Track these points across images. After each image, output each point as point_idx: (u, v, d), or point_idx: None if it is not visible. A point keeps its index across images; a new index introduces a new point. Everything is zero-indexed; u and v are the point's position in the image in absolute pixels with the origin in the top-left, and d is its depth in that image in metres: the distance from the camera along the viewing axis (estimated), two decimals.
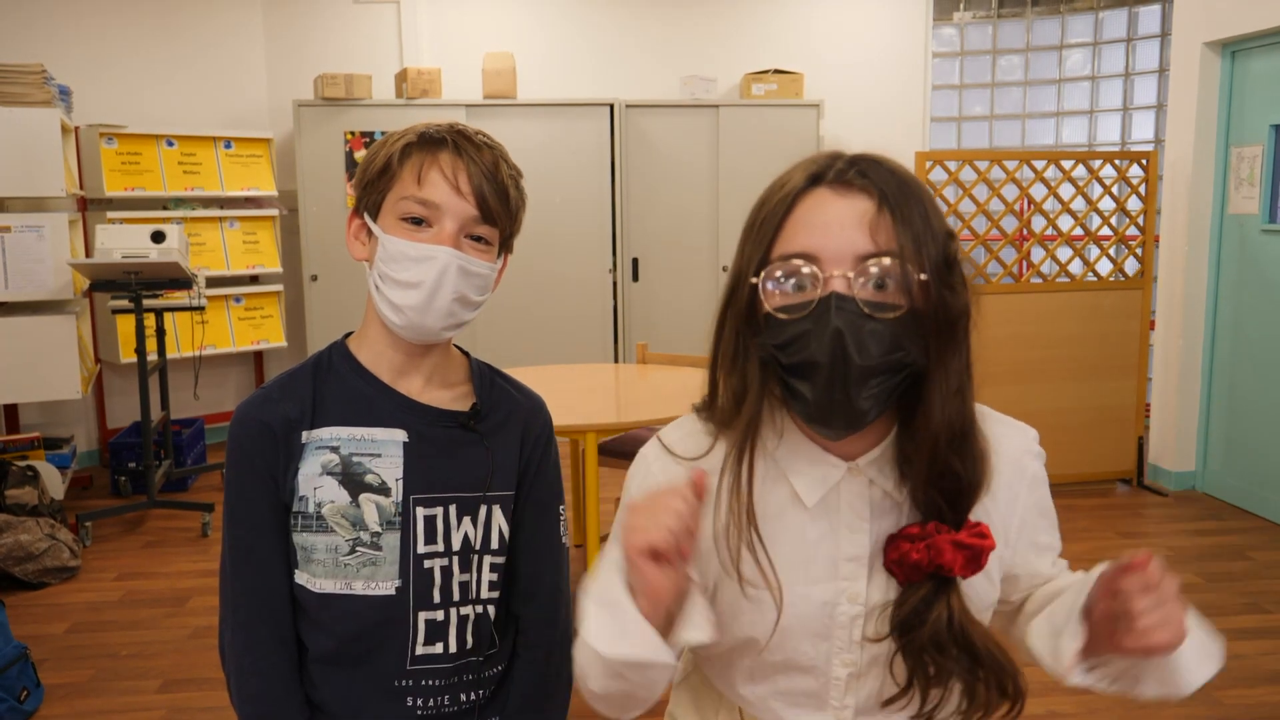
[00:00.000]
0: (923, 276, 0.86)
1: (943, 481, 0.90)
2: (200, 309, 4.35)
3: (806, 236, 0.88)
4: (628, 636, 0.83)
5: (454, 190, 1.10)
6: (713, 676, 1.06)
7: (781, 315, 0.88)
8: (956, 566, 0.88)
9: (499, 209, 1.12)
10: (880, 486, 0.95)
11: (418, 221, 1.10)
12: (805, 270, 0.87)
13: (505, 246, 1.18)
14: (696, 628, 0.86)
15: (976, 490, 0.91)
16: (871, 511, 0.95)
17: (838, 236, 0.87)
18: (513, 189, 1.15)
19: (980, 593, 0.96)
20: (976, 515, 0.92)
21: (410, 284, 1.09)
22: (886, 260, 0.86)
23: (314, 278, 5.26)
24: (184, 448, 4.68)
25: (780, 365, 0.89)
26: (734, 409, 0.95)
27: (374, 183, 1.13)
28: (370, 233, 1.14)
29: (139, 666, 2.91)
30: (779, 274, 0.89)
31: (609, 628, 0.84)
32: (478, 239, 1.13)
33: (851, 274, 0.86)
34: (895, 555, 0.91)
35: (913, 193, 0.89)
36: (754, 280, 0.90)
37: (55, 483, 4.00)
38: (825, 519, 0.96)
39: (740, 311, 0.93)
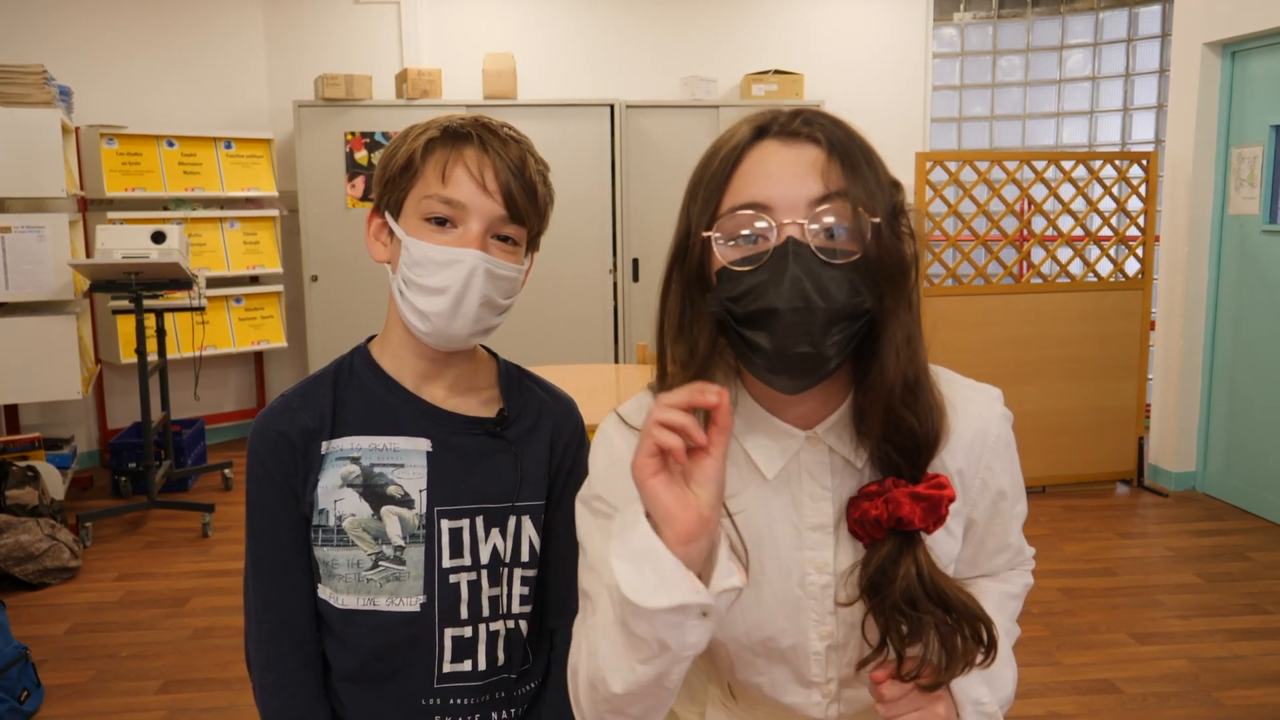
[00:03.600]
0: (875, 219, 0.85)
1: (898, 436, 0.88)
2: (200, 309, 4.36)
3: (757, 186, 0.86)
4: (668, 583, 0.77)
5: (480, 188, 1.04)
6: (699, 662, 1.06)
7: (736, 268, 0.86)
8: (916, 519, 0.86)
9: (527, 207, 1.07)
10: (840, 453, 0.94)
11: (442, 221, 1.05)
12: (758, 220, 0.85)
13: (532, 245, 1.13)
14: (730, 574, 0.80)
15: (932, 444, 0.89)
16: (833, 479, 0.94)
17: (789, 184, 0.86)
18: (541, 185, 1.09)
19: (942, 547, 0.95)
20: (936, 471, 0.90)
21: (436, 289, 1.04)
22: (840, 203, 0.85)
23: (314, 278, 5.26)
24: (184, 448, 4.68)
25: (734, 319, 0.86)
26: (682, 377, 0.91)
27: (395, 180, 1.07)
28: (391, 233, 1.09)
29: (139, 667, 2.91)
30: (731, 226, 0.87)
31: (647, 580, 0.77)
32: (505, 239, 1.07)
33: (804, 220, 0.84)
34: (856, 514, 0.90)
35: (858, 142, 0.88)
36: (705, 235, 0.88)
37: (55, 483, 4.00)
38: (786, 490, 0.95)
39: (689, 272, 0.91)
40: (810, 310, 0.82)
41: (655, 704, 0.87)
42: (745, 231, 0.86)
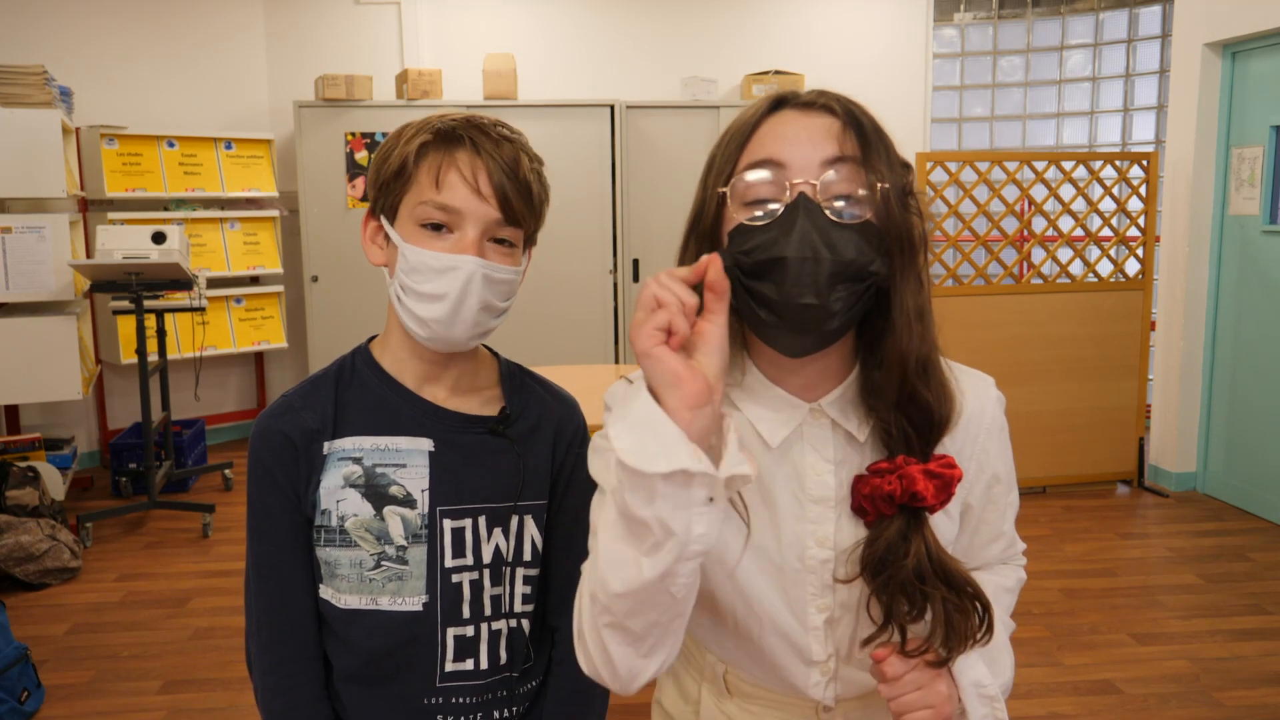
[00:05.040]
0: (884, 185, 0.87)
1: (911, 409, 0.90)
2: (201, 310, 4.36)
3: (773, 146, 0.89)
4: (669, 449, 0.74)
5: (474, 193, 1.03)
6: (698, 640, 1.06)
7: (749, 223, 0.88)
8: (929, 495, 0.88)
9: (522, 208, 1.06)
10: (844, 428, 0.95)
11: (438, 227, 1.04)
12: (773, 178, 0.88)
13: (529, 242, 1.13)
14: (740, 461, 0.78)
15: (945, 422, 0.91)
16: (835, 452, 0.95)
17: (804, 144, 0.88)
18: (535, 183, 1.08)
19: (941, 529, 0.96)
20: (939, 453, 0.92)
21: (434, 296, 1.03)
22: (852, 166, 0.87)
23: (314, 278, 5.26)
24: (185, 448, 4.68)
25: (743, 272, 0.87)
26: None
27: (389, 184, 1.07)
28: (388, 237, 1.08)
29: (140, 667, 2.91)
30: (745, 185, 0.89)
31: (647, 445, 0.74)
32: (501, 241, 1.07)
33: (817, 181, 0.87)
34: (866, 490, 0.91)
35: (871, 121, 0.91)
36: (721, 190, 0.90)
37: (56, 483, 4.00)
38: (789, 462, 0.95)
39: (705, 232, 0.93)
40: (817, 261, 0.84)
41: (659, 619, 0.82)
42: (760, 188, 0.88)
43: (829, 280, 0.84)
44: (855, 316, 0.89)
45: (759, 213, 0.88)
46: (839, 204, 0.87)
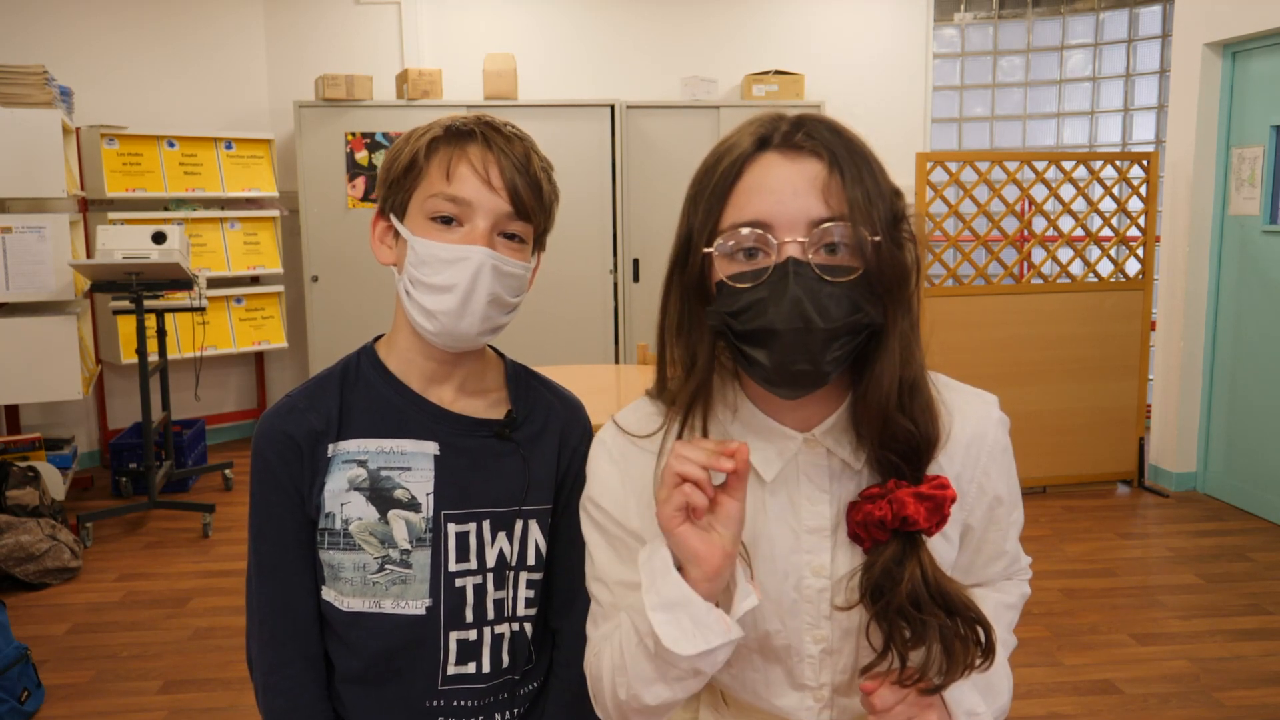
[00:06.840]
0: (876, 239, 0.85)
1: (896, 442, 0.89)
2: (201, 310, 4.36)
3: (758, 203, 0.87)
4: (703, 629, 0.84)
5: (485, 185, 1.03)
6: None
7: (736, 284, 0.87)
8: (921, 518, 0.87)
9: (532, 203, 1.06)
10: (838, 456, 0.94)
11: (448, 220, 1.04)
12: (759, 238, 0.86)
13: (539, 244, 1.12)
14: (747, 594, 0.86)
15: (931, 446, 0.90)
16: (831, 481, 0.94)
17: (790, 202, 0.86)
18: (545, 182, 1.09)
19: (939, 552, 0.95)
20: (934, 474, 0.91)
21: (443, 288, 1.03)
22: (840, 224, 0.85)
23: (315, 278, 5.26)
24: (185, 448, 4.68)
25: (733, 333, 0.87)
26: (682, 380, 0.93)
27: (399, 181, 1.07)
28: (397, 235, 1.08)
29: (140, 667, 2.91)
30: (732, 243, 0.87)
31: (684, 628, 0.84)
32: (511, 236, 1.06)
33: (805, 239, 0.85)
34: (859, 517, 0.90)
35: (860, 152, 0.88)
36: (706, 250, 0.89)
37: (56, 483, 4.00)
38: (784, 491, 0.95)
39: (690, 281, 0.92)
40: (810, 331, 0.83)
41: (678, 704, 0.93)
42: (746, 249, 0.87)
43: (822, 345, 0.84)
44: (850, 359, 0.88)
45: (746, 270, 0.87)
46: (830, 259, 0.86)
